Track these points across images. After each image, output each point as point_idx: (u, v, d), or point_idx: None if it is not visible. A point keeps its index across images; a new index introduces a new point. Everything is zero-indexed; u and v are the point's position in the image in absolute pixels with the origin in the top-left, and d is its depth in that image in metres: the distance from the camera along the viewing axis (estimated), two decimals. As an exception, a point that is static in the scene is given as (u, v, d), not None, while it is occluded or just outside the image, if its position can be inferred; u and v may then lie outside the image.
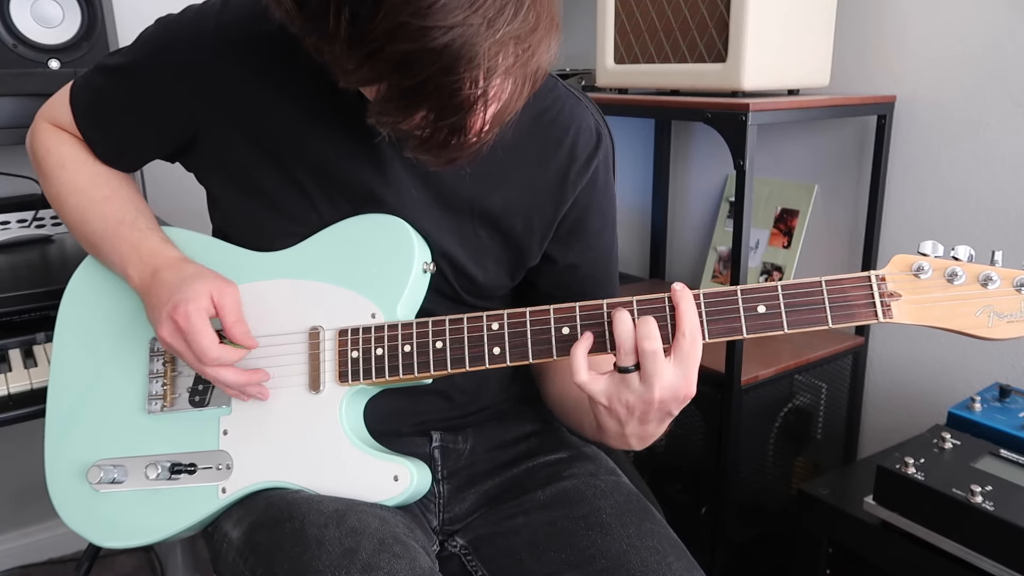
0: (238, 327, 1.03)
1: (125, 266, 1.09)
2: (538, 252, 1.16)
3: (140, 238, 1.10)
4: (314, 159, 1.06)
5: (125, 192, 1.17)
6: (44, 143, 1.18)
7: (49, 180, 1.18)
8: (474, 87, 0.77)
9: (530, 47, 0.79)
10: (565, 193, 1.12)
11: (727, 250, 2.24)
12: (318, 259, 1.08)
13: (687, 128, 2.41)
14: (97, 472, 1.08)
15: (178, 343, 1.00)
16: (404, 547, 0.93)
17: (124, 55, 1.12)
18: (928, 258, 0.90)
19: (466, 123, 0.81)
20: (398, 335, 1.02)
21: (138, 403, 1.12)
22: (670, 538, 1.06)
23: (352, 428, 1.04)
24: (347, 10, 0.73)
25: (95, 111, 1.15)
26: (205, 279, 1.03)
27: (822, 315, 0.90)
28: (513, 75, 0.81)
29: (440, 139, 0.82)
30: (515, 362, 0.98)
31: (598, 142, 1.14)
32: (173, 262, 1.07)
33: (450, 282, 1.12)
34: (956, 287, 0.88)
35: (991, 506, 1.26)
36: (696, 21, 1.76)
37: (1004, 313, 0.87)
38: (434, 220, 1.08)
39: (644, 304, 0.94)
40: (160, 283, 1.04)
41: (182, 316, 0.99)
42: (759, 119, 1.61)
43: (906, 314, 0.89)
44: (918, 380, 1.93)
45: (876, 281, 0.90)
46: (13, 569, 2.34)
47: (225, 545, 1.02)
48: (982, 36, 1.70)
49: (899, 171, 1.89)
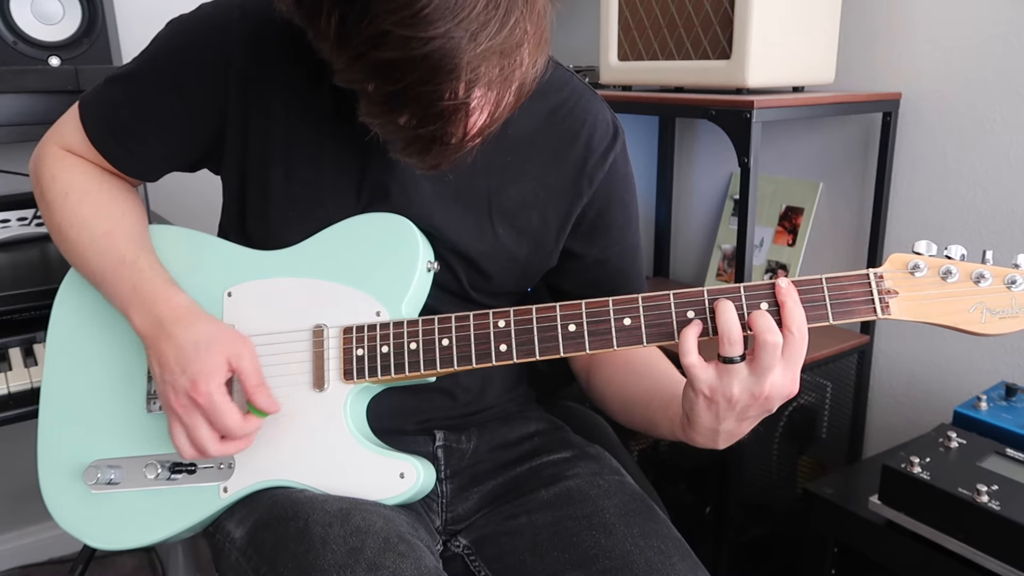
0: (261, 393, 1.01)
1: (127, 308, 1.05)
2: (556, 249, 1.16)
3: (139, 279, 1.05)
4: (330, 152, 1.06)
5: (128, 225, 1.12)
6: (49, 169, 1.14)
7: (51, 209, 1.13)
8: (454, 97, 0.78)
9: (515, 61, 0.80)
10: (582, 186, 1.13)
11: (731, 248, 2.24)
12: (321, 257, 1.07)
13: (691, 125, 2.40)
14: (93, 472, 1.07)
15: (191, 419, 0.99)
16: (409, 546, 0.93)
17: (138, 61, 1.10)
18: (923, 256, 0.92)
19: (446, 131, 0.82)
20: (404, 332, 1.01)
21: (137, 402, 1.11)
22: (674, 538, 1.06)
23: (357, 426, 1.04)
24: (337, 12, 0.75)
25: (112, 125, 1.11)
26: (220, 344, 1.00)
27: (823, 312, 0.91)
28: (496, 87, 0.82)
29: (421, 145, 0.84)
30: (522, 359, 0.98)
31: (615, 135, 1.15)
32: (181, 314, 1.03)
33: (460, 279, 1.12)
34: (950, 284, 0.91)
35: (997, 505, 1.26)
36: (700, 17, 1.75)
37: (996, 309, 0.90)
38: (447, 215, 1.08)
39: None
40: (169, 341, 1.00)
41: (204, 396, 0.96)
42: (763, 116, 1.60)
43: (903, 311, 0.91)
44: (923, 379, 1.92)
45: (875, 279, 0.92)
46: (13, 569, 2.34)
47: (228, 545, 1.02)
48: (988, 32, 1.69)
49: (904, 168, 1.88)
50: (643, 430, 1.18)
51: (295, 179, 1.07)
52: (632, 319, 0.95)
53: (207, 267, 1.11)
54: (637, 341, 0.95)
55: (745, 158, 1.62)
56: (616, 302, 0.95)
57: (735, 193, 2.26)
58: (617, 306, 0.96)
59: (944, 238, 1.81)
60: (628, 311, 0.95)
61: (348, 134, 1.04)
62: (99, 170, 1.15)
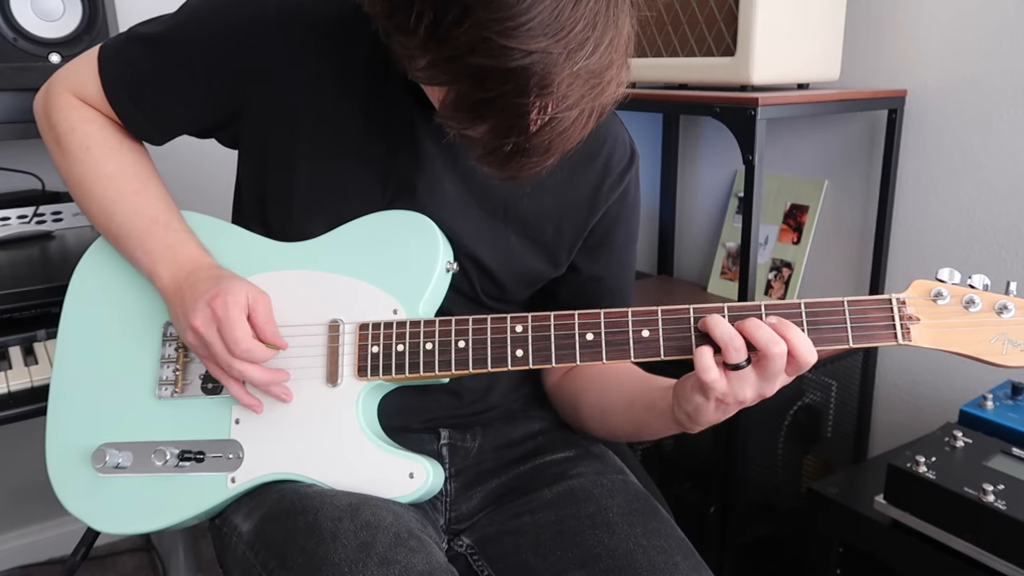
0: (269, 327, 1.03)
1: (154, 264, 1.07)
2: (566, 261, 1.17)
3: (176, 240, 1.09)
4: (356, 146, 1.06)
5: (155, 187, 1.14)
6: (67, 118, 1.13)
7: (70, 161, 1.13)
8: (543, 113, 0.78)
9: (602, 83, 0.80)
10: (597, 203, 1.14)
11: (736, 246, 2.23)
12: (340, 252, 1.07)
13: (695, 123, 2.39)
14: (101, 456, 1.06)
15: (210, 332, 0.99)
16: (419, 541, 0.93)
17: (166, 25, 1.09)
18: (946, 284, 0.92)
19: (529, 145, 0.82)
20: (420, 332, 1.02)
21: (148, 388, 1.11)
22: (677, 537, 1.05)
23: (368, 423, 1.04)
24: (432, 12, 0.75)
25: (129, 84, 1.11)
26: (243, 282, 1.03)
27: (843, 335, 0.92)
28: (581, 107, 0.81)
29: (502, 156, 0.83)
30: (537, 365, 0.98)
31: (631, 158, 1.17)
32: (211, 267, 1.07)
33: (472, 283, 1.12)
34: (972, 314, 0.91)
35: (1003, 505, 1.25)
36: (704, 14, 1.74)
37: (1018, 341, 0.91)
38: (466, 220, 1.09)
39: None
40: (196, 281, 1.03)
41: (220, 305, 0.98)
42: (768, 113, 1.60)
43: (924, 338, 0.92)
44: (929, 377, 1.92)
45: (896, 304, 0.92)
46: (13, 569, 2.34)
47: (235, 538, 1.02)
48: (994, 29, 1.69)
49: (910, 166, 1.87)
50: (622, 435, 1.20)
51: (320, 170, 1.07)
52: (651, 331, 0.95)
53: (225, 255, 1.11)
54: (655, 354, 0.95)
55: (750, 155, 1.61)
56: (636, 313, 0.96)
57: (739, 191, 2.25)
58: (636, 317, 0.96)
59: (950, 236, 1.81)
60: (647, 323, 0.95)
61: (377, 129, 1.05)
62: (117, 127, 1.15)
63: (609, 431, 1.20)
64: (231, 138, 1.15)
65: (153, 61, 1.09)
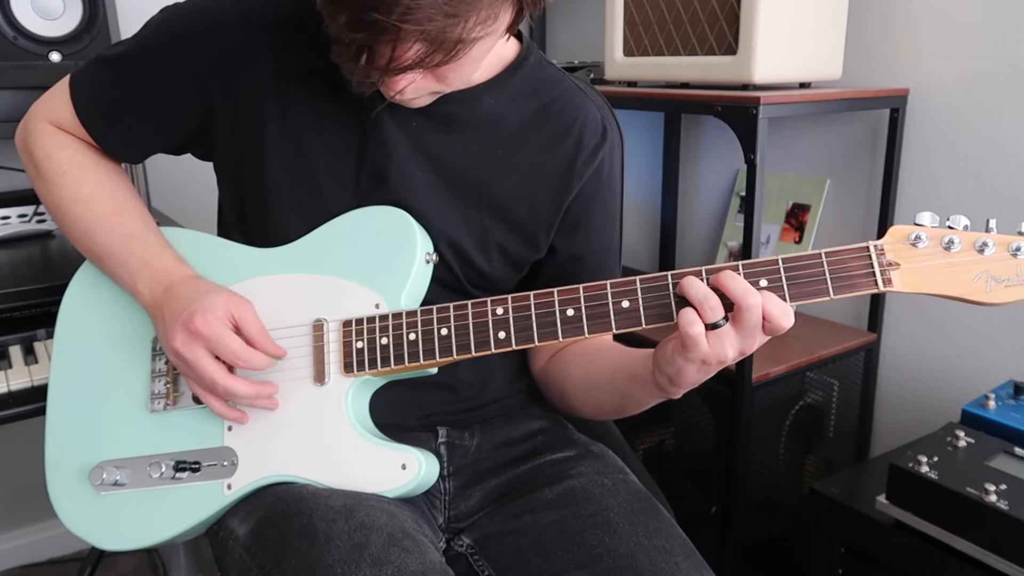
0: (264, 339, 1.03)
1: (135, 282, 1.08)
2: (545, 243, 1.17)
3: (152, 255, 1.10)
4: (323, 141, 1.07)
5: (131, 205, 1.15)
6: (43, 146, 1.16)
7: (49, 186, 1.16)
8: (386, 14, 0.79)
9: (457, 23, 0.82)
10: (571, 181, 1.14)
11: (738, 245, 2.23)
12: (320, 253, 1.08)
13: (697, 122, 2.39)
14: (99, 474, 1.08)
15: (191, 352, 1.00)
16: (414, 541, 0.93)
17: (130, 44, 1.12)
18: (924, 228, 0.90)
19: (375, 46, 0.85)
20: (403, 323, 1.02)
21: (140, 402, 1.12)
22: (679, 537, 1.05)
23: (358, 419, 1.04)
24: None
25: (101, 105, 1.14)
26: (222, 294, 1.04)
27: (823, 287, 0.91)
28: (431, 39, 0.84)
29: (353, 51, 0.87)
30: (520, 346, 0.98)
31: (604, 134, 1.16)
32: (187, 279, 1.07)
33: (455, 272, 1.12)
34: (953, 254, 0.89)
35: (1006, 505, 1.25)
36: (706, 13, 1.74)
37: (1001, 278, 0.88)
38: (440, 207, 1.09)
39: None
40: (173, 297, 1.04)
41: (201, 323, 0.99)
42: (770, 112, 1.60)
43: (905, 283, 0.90)
44: (931, 377, 1.91)
45: (875, 251, 0.90)
46: (13, 569, 2.34)
47: (231, 542, 1.02)
48: (996, 28, 1.68)
49: (912, 165, 1.87)
50: (609, 410, 1.18)
51: (291, 166, 1.08)
52: (631, 301, 0.95)
53: (206, 266, 1.12)
54: (636, 323, 0.95)
55: (751, 155, 1.61)
56: (614, 285, 0.95)
57: (741, 190, 2.25)
58: (615, 289, 0.95)
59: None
60: (626, 294, 0.95)
61: (345, 122, 1.06)
62: (93, 150, 1.17)
63: (596, 408, 1.19)
64: (205, 150, 1.16)
65: (121, 80, 1.11)
